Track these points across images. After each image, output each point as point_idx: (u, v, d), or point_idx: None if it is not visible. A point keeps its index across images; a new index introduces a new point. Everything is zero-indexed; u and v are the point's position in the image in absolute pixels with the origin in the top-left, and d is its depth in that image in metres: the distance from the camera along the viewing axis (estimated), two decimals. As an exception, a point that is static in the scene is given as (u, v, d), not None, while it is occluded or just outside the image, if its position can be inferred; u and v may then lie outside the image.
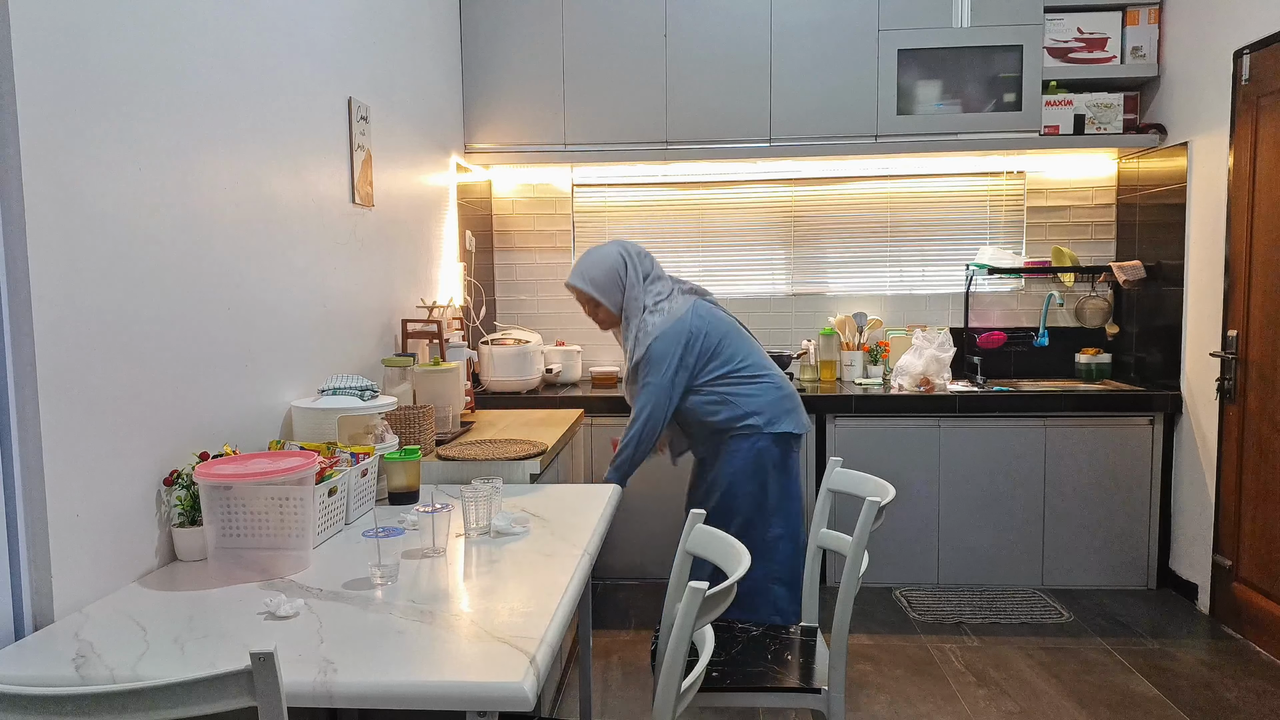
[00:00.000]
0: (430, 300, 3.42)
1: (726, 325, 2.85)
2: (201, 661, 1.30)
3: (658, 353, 2.73)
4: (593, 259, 2.82)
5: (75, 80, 1.55)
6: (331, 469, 1.93)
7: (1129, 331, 4.07)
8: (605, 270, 2.79)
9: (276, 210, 2.26)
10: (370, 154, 2.86)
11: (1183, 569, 3.67)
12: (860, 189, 4.29)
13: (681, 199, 4.35)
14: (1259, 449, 3.19)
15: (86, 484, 1.57)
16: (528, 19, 3.93)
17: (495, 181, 4.36)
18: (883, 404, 3.74)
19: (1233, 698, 2.84)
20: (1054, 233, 4.23)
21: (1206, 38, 3.50)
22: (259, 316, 2.17)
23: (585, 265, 2.82)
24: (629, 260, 2.81)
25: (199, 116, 1.92)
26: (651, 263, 2.88)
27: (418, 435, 2.50)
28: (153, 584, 1.65)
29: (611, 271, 2.79)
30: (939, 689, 2.91)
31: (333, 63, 2.61)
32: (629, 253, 2.83)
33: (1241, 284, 3.27)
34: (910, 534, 3.77)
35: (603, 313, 2.84)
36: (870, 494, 2.03)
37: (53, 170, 1.50)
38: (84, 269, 1.56)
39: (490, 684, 1.22)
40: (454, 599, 1.54)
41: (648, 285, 2.82)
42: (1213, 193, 3.45)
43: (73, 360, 1.53)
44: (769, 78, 3.90)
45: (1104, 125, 3.87)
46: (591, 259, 2.82)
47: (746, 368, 2.81)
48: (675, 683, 1.39)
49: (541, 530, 1.94)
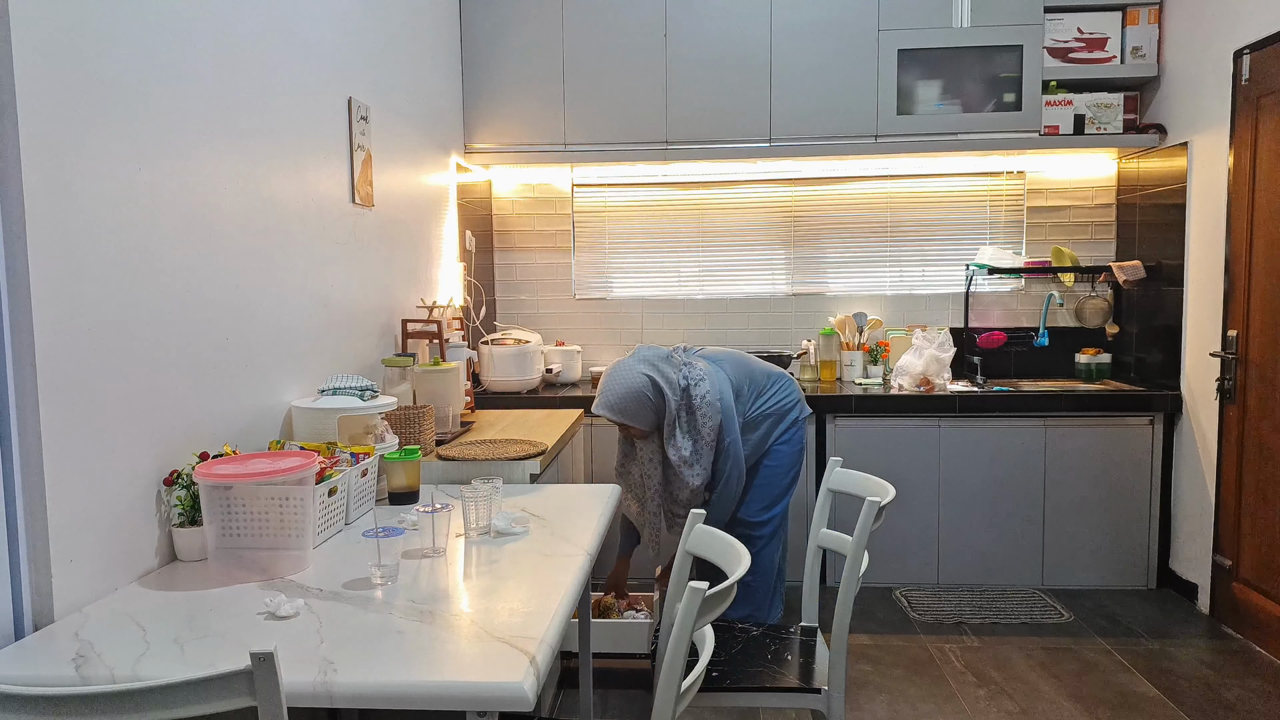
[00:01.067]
0: (430, 300, 3.42)
1: (735, 361, 3.01)
2: (201, 661, 1.30)
3: (727, 410, 2.83)
4: (620, 392, 2.76)
5: (75, 80, 1.55)
6: (331, 469, 1.93)
7: (1129, 331, 4.07)
8: (637, 401, 2.76)
9: (276, 210, 2.26)
10: (370, 154, 2.86)
11: (1183, 569, 3.67)
12: (860, 189, 4.29)
13: (681, 199, 4.35)
14: (1259, 449, 3.19)
15: (86, 484, 1.57)
16: (528, 19, 3.93)
17: (495, 181, 4.36)
18: (883, 404, 3.74)
19: (1233, 698, 2.83)
20: (1054, 233, 4.23)
21: (1206, 38, 3.50)
22: (259, 316, 2.17)
23: (614, 398, 2.76)
24: (657, 382, 2.77)
25: (199, 117, 1.92)
26: (668, 360, 2.86)
27: (418, 435, 2.50)
28: (153, 584, 1.65)
29: (642, 399, 2.76)
30: (939, 689, 2.91)
31: (333, 63, 2.61)
32: (655, 373, 2.79)
33: (1241, 284, 3.27)
34: (910, 534, 3.77)
35: (636, 432, 2.84)
36: (870, 494, 2.03)
37: (53, 170, 1.50)
38: (84, 269, 1.56)
39: (490, 684, 1.22)
40: (454, 599, 1.54)
41: (678, 377, 2.83)
42: (1213, 193, 3.45)
43: (73, 360, 1.53)
44: (769, 78, 3.90)
45: (1104, 125, 3.87)
46: (618, 391, 2.76)
47: (770, 385, 3.01)
48: (675, 683, 1.39)
49: (541, 530, 1.94)
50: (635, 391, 2.75)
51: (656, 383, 2.77)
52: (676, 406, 2.79)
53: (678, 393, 2.80)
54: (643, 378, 2.76)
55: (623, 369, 2.80)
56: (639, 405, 2.76)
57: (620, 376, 2.78)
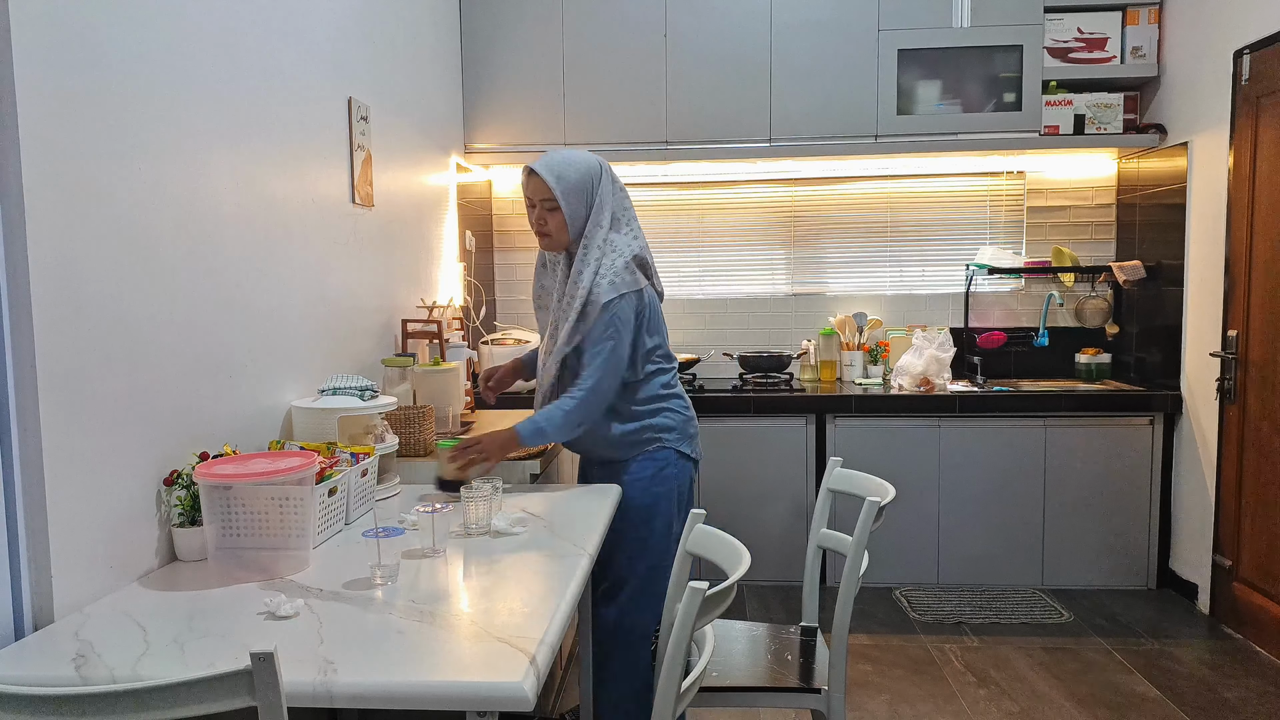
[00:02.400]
0: (430, 300, 3.42)
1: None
2: (201, 661, 1.30)
3: (624, 312, 2.24)
4: (566, 156, 2.28)
5: (75, 81, 1.55)
6: (331, 469, 1.93)
7: (1129, 331, 4.07)
8: (580, 172, 2.26)
9: (276, 210, 2.26)
10: (370, 154, 2.86)
11: (1183, 569, 3.67)
12: (860, 189, 4.29)
13: (681, 199, 4.35)
14: (1259, 449, 3.19)
15: (86, 484, 1.56)
16: (528, 19, 3.93)
17: (495, 181, 4.36)
18: (883, 404, 3.74)
19: (1233, 698, 2.83)
20: (1054, 233, 4.22)
21: (1206, 38, 3.50)
22: (259, 316, 2.17)
23: (556, 160, 2.27)
24: (606, 172, 2.31)
25: (199, 116, 1.92)
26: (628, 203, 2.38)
27: (418, 435, 2.50)
28: (153, 584, 1.65)
29: (586, 176, 2.26)
30: (939, 689, 2.91)
31: (333, 63, 2.61)
32: (607, 168, 2.34)
33: (1241, 284, 3.27)
34: (910, 534, 3.77)
35: (555, 223, 2.27)
36: (870, 494, 2.03)
37: (53, 170, 1.50)
38: (84, 269, 1.56)
39: (490, 684, 1.22)
40: (454, 599, 1.54)
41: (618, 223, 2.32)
42: (1213, 193, 3.45)
43: (73, 360, 1.53)
44: (769, 78, 3.90)
45: (1104, 125, 3.87)
46: (565, 155, 2.28)
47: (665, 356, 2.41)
48: (675, 683, 1.39)
49: (541, 530, 1.94)
50: (583, 165, 2.27)
51: (603, 175, 2.29)
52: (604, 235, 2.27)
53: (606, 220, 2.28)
54: (595, 164, 2.30)
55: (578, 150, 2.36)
56: (580, 180, 2.25)
57: (572, 150, 2.33)
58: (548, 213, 2.26)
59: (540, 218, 2.28)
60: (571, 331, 2.27)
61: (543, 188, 2.24)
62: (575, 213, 2.26)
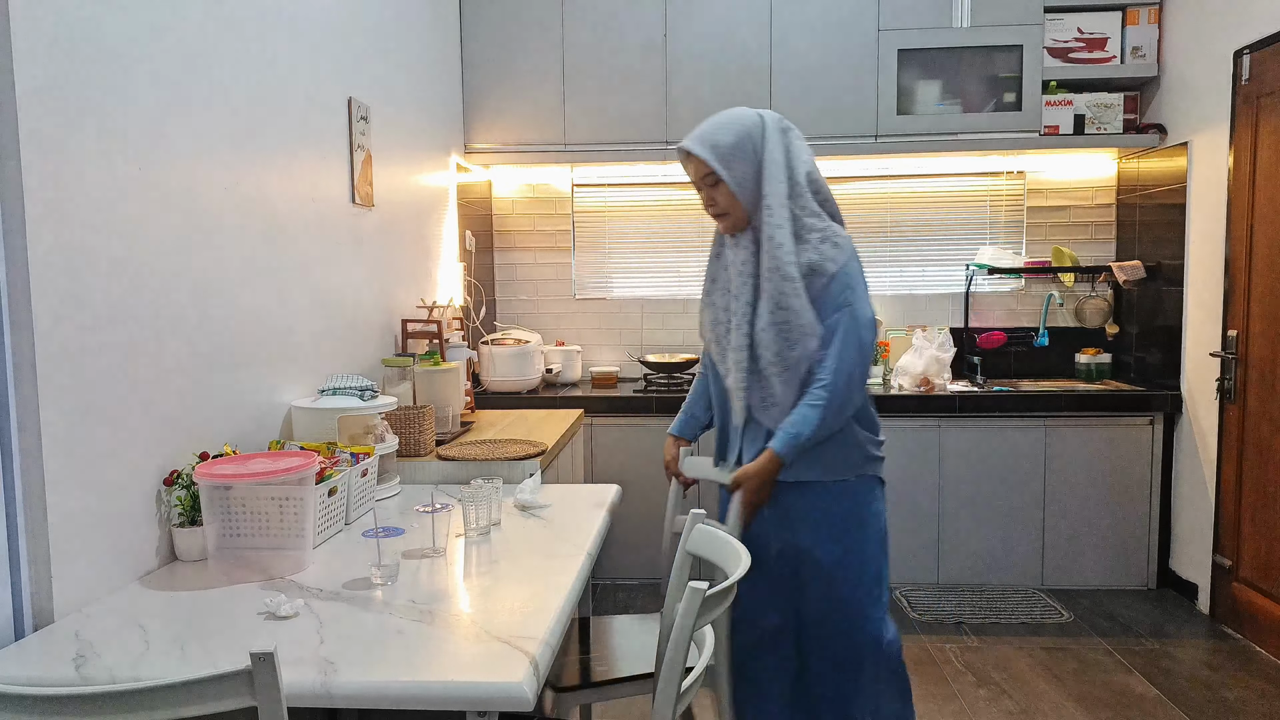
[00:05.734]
0: (430, 300, 3.42)
1: None
2: (201, 661, 1.30)
3: (855, 276, 1.98)
4: (716, 119, 2.04)
5: (75, 81, 1.55)
6: (331, 469, 1.93)
7: (1129, 331, 4.07)
8: (735, 133, 2.00)
9: (276, 210, 2.26)
10: (370, 154, 2.86)
11: (1183, 569, 3.67)
12: (860, 189, 4.29)
13: (681, 199, 4.35)
14: (1259, 449, 3.19)
15: (86, 484, 1.57)
16: (528, 19, 3.93)
17: (495, 181, 4.36)
18: (883, 404, 3.73)
19: (1233, 698, 2.83)
20: (1054, 233, 4.22)
21: (1206, 38, 3.50)
22: (259, 316, 2.17)
23: (706, 128, 2.04)
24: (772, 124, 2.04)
25: (199, 116, 1.92)
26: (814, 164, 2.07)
27: (418, 435, 2.50)
28: (153, 584, 1.65)
29: (743, 134, 2.00)
30: (939, 689, 2.91)
31: (333, 63, 2.61)
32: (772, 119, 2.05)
33: (1241, 284, 3.27)
34: (910, 534, 3.77)
35: (723, 196, 2.03)
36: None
37: (53, 170, 1.50)
38: (84, 269, 1.56)
39: (490, 684, 1.22)
40: (454, 599, 1.54)
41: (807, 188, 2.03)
42: (1213, 193, 3.45)
43: (73, 360, 1.53)
44: (769, 78, 3.89)
45: (1104, 125, 3.87)
46: (715, 119, 2.05)
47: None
48: (675, 683, 1.39)
49: (542, 530, 1.94)
50: (735, 119, 2.02)
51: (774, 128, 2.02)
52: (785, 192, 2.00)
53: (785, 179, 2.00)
54: (754, 116, 2.04)
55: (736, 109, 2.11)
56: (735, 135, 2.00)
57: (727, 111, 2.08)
58: (712, 189, 2.03)
59: (708, 198, 2.04)
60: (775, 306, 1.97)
61: (698, 164, 2.02)
62: (742, 177, 1.99)
